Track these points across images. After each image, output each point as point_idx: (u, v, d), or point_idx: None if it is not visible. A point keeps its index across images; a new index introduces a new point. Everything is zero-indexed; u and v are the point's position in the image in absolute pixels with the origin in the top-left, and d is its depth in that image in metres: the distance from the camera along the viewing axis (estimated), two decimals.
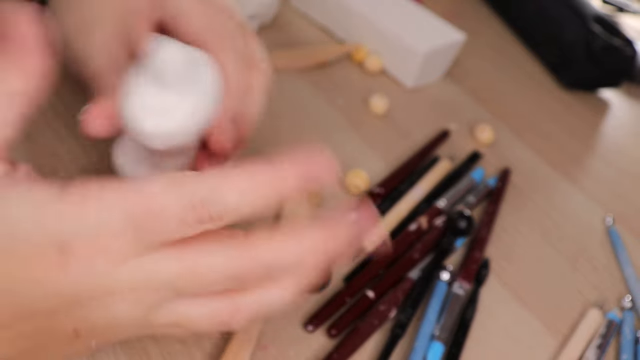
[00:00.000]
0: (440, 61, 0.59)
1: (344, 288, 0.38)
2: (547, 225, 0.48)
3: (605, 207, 0.51)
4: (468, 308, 0.39)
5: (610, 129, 0.62)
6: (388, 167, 0.49)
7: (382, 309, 0.37)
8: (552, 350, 0.39)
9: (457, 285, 0.40)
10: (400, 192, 0.46)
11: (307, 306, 0.37)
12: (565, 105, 0.62)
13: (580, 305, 0.42)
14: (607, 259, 0.46)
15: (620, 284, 0.45)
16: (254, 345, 0.34)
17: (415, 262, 0.41)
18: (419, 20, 0.59)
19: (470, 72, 0.63)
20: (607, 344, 0.39)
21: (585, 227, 0.49)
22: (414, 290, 0.39)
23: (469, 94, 0.60)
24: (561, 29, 0.64)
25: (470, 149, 0.52)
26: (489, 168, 0.51)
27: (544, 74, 0.66)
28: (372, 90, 0.56)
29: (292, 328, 0.36)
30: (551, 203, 0.50)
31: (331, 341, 0.36)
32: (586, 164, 0.57)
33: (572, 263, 0.45)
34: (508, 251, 0.45)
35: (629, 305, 0.43)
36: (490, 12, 0.74)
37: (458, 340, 0.37)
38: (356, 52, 0.59)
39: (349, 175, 0.45)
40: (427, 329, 0.37)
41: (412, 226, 0.43)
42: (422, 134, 0.53)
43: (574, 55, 0.62)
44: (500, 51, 0.68)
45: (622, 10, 0.77)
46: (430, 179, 0.47)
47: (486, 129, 0.54)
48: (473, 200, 0.47)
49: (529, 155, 0.54)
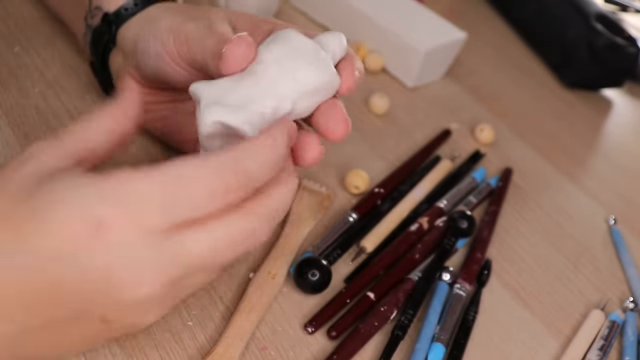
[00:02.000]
0: (441, 60, 0.59)
1: (345, 289, 0.38)
2: (549, 225, 0.48)
3: (608, 207, 0.51)
4: (469, 309, 0.39)
5: (612, 129, 0.62)
6: (388, 167, 0.48)
7: (382, 310, 0.37)
8: (554, 352, 0.39)
9: (459, 286, 0.40)
10: (401, 192, 0.45)
11: (307, 307, 0.37)
12: (568, 104, 0.62)
13: (583, 307, 0.42)
14: (609, 260, 0.46)
15: (623, 285, 0.44)
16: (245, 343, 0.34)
17: (416, 263, 0.40)
18: (420, 19, 0.58)
19: (472, 71, 0.62)
20: (609, 345, 0.39)
21: (587, 228, 0.48)
22: (415, 291, 0.39)
23: (470, 93, 0.59)
24: (563, 28, 0.64)
25: (471, 149, 0.52)
26: (491, 168, 0.51)
27: (546, 73, 0.66)
28: (373, 89, 0.56)
29: (292, 329, 0.36)
30: (553, 203, 0.50)
31: (331, 343, 0.36)
32: (588, 163, 0.56)
33: (574, 264, 0.45)
34: (509, 252, 0.45)
35: (631, 306, 0.42)
36: (492, 11, 0.74)
37: (459, 341, 0.37)
38: (356, 51, 0.58)
39: (349, 175, 0.45)
40: (428, 331, 0.37)
41: (413, 227, 0.42)
42: (422, 134, 0.53)
43: (576, 54, 0.62)
44: (502, 50, 0.68)
45: (625, 8, 0.77)
46: (431, 179, 0.47)
47: (487, 129, 0.53)
48: (474, 200, 0.46)
49: (531, 155, 0.54)
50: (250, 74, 0.31)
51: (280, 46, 0.31)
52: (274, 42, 0.32)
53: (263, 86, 0.30)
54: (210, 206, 0.26)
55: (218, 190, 0.25)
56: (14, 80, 0.47)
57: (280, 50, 0.31)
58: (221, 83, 0.31)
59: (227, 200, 0.26)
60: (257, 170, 0.27)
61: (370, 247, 0.41)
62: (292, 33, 0.32)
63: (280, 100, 0.30)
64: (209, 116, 0.30)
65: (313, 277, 0.37)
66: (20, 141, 0.42)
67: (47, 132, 0.43)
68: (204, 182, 0.25)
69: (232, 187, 0.26)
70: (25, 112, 0.44)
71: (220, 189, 0.25)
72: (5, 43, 0.50)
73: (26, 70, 0.48)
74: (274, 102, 0.30)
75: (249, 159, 0.26)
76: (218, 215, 0.26)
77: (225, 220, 0.26)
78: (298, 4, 0.64)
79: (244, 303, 0.36)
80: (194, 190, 0.25)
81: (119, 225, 0.24)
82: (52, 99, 0.46)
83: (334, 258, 0.40)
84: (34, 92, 0.46)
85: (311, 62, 0.31)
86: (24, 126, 0.43)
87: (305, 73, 0.31)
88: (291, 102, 0.31)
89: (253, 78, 0.31)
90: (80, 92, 0.47)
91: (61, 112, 0.45)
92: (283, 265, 0.38)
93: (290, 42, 0.31)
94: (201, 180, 0.25)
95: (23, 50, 0.49)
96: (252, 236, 0.27)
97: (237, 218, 0.26)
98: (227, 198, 0.26)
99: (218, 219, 0.26)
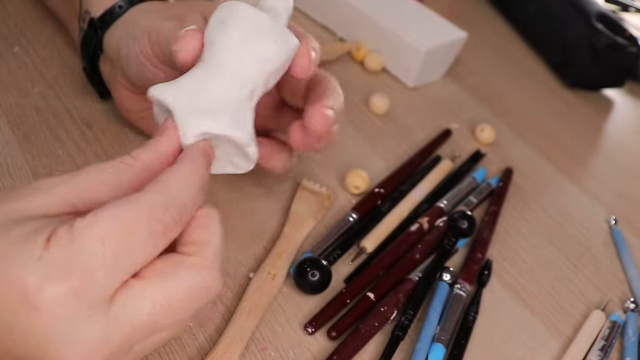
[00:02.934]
0: (442, 60, 0.58)
1: (345, 289, 0.38)
2: (550, 225, 0.48)
3: (609, 207, 0.51)
4: (470, 310, 0.39)
5: (613, 128, 0.62)
6: (389, 167, 0.48)
7: (382, 310, 0.37)
8: (555, 353, 0.39)
9: (459, 286, 0.39)
10: (401, 192, 0.45)
11: (307, 307, 0.37)
12: (568, 104, 0.62)
13: (583, 307, 0.42)
14: (610, 260, 0.46)
15: (624, 285, 0.44)
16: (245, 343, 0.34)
17: (416, 263, 0.40)
18: (420, 19, 0.58)
19: (472, 71, 0.62)
20: (610, 346, 0.39)
21: (588, 228, 0.48)
22: (415, 291, 0.39)
23: (470, 93, 0.59)
24: (564, 27, 0.64)
25: (472, 149, 0.52)
26: (491, 168, 0.51)
27: (546, 73, 0.65)
28: (373, 89, 0.56)
29: (292, 330, 0.36)
30: (554, 203, 0.50)
31: (331, 343, 0.36)
32: (589, 163, 0.56)
33: (574, 264, 0.45)
34: (510, 252, 0.44)
35: (632, 306, 0.42)
36: (492, 11, 0.74)
37: (460, 342, 0.37)
38: (357, 51, 0.58)
39: (349, 175, 0.45)
40: (428, 331, 0.37)
41: (413, 227, 0.42)
42: (423, 134, 0.52)
43: (577, 53, 0.62)
44: (502, 50, 0.68)
45: (626, 8, 0.77)
46: (432, 179, 0.47)
47: (488, 129, 0.53)
48: (475, 200, 0.46)
49: (532, 155, 0.54)
50: (215, 65, 0.29)
51: (237, 27, 0.30)
52: (228, 23, 0.30)
53: (232, 75, 0.29)
54: (154, 251, 0.24)
55: (158, 232, 0.24)
56: (14, 80, 0.47)
57: (238, 31, 0.30)
58: (186, 83, 0.29)
59: (167, 239, 0.25)
60: (188, 200, 0.25)
61: (370, 247, 0.41)
62: (242, 7, 0.30)
63: (253, 84, 0.30)
64: (192, 130, 0.28)
65: (313, 277, 0.37)
66: (20, 141, 0.42)
67: (47, 132, 0.43)
68: (143, 229, 0.24)
69: (169, 225, 0.24)
70: (25, 112, 0.44)
71: (160, 230, 0.24)
72: (5, 43, 0.49)
73: (26, 70, 0.47)
74: (248, 90, 0.29)
75: (179, 192, 0.25)
76: (162, 266, 0.24)
77: (168, 276, 0.24)
78: (298, 4, 0.64)
79: (244, 303, 0.35)
80: (136, 238, 0.23)
81: (55, 297, 0.22)
82: (51, 99, 0.46)
83: (334, 258, 0.40)
84: (33, 92, 0.46)
85: (272, 38, 0.30)
86: (23, 126, 0.43)
87: (269, 52, 0.30)
88: (263, 83, 0.30)
89: (219, 69, 0.29)
90: (80, 92, 0.47)
91: (61, 112, 0.45)
92: (283, 266, 0.38)
93: (245, 20, 0.30)
94: (140, 226, 0.24)
95: (23, 50, 0.49)
96: (204, 289, 0.25)
97: (182, 268, 0.25)
98: (167, 237, 0.25)
99: (162, 272, 0.24)
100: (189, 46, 0.30)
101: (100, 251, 0.23)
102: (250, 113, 0.30)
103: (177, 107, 0.28)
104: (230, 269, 0.38)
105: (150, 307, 0.24)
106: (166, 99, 0.28)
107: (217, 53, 0.29)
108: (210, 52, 0.30)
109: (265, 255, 0.39)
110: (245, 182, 0.44)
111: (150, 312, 0.24)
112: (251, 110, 0.30)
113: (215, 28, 0.30)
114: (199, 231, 0.26)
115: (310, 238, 0.41)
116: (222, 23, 0.30)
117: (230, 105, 0.29)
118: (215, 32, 0.30)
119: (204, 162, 0.27)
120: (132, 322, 0.23)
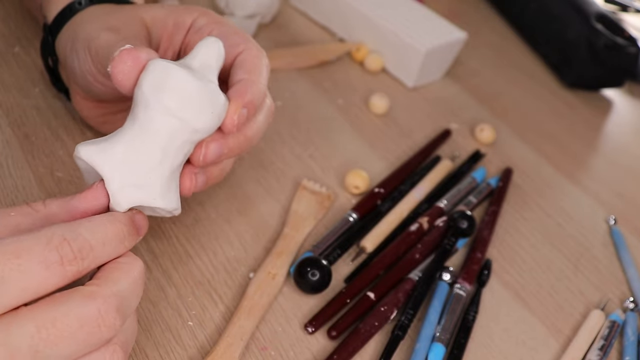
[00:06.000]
0: (442, 60, 0.59)
1: (345, 289, 0.38)
2: (549, 225, 0.48)
3: (608, 207, 0.51)
4: (469, 309, 0.39)
5: (613, 129, 0.62)
6: (389, 167, 0.48)
7: (382, 310, 0.37)
8: (554, 352, 0.39)
9: (459, 286, 0.40)
10: (401, 192, 0.45)
11: (307, 307, 0.37)
12: (568, 104, 0.62)
13: (583, 307, 0.42)
14: (609, 260, 0.46)
15: (623, 285, 0.44)
16: (245, 343, 0.34)
17: (416, 263, 0.40)
18: (420, 19, 0.58)
19: (472, 71, 0.62)
20: (609, 345, 0.39)
21: (587, 228, 0.48)
22: (415, 291, 0.39)
23: (470, 93, 0.59)
24: (563, 28, 0.64)
25: (471, 149, 0.52)
26: (491, 168, 0.51)
27: (546, 73, 0.66)
28: (373, 89, 0.56)
29: (292, 329, 0.36)
30: (553, 203, 0.50)
31: (331, 342, 0.36)
32: (589, 163, 0.56)
33: (574, 264, 0.45)
34: (510, 252, 0.44)
35: (631, 306, 0.42)
36: (492, 11, 0.74)
37: (459, 341, 0.37)
38: (357, 51, 0.58)
39: (349, 175, 0.45)
40: (428, 331, 0.37)
41: (413, 227, 0.42)
42: (423, 134, 0.53)
43: (576, 54, 0.62)
44: (502, 50, 0.68)
45: (625, 8, 0.77)
46: (432, 179, 0.47)
47: (487, 129, 0.53)
48: (474, 200, 0.46)
49: (531, 155, 0.54)
50: (149, 132, 0.29)
51: (173, 97, 0.29)
52: (165, 88, 0.29)
53: (165, 147, 0.29)
54: (50, 280, 0.23)
55: (52, 261, 0.23)
56: (15, 80, 0.47)
57: (174, 102, 0.29)
58: (119, 150, 0.29)
59: (68, 273, 0.24)
60: (95, 243, 0.25)
61: (370, 247, 0.41)
62: (176, 73, 0.29)
63: (185, 154, 0.31)
64: (125, 201, 0.28)
65: (313, 277, 0.37)
66: (21, 141, 0.42)
67: (48, 132, 0.43)
68: (35, 254, 0.23)
69: (67, 257, 0.24)
70: (25, 112, 0.44)
71: (55, 260, 0.23)
72: (5, 43, 0.50)
73: (26, 70, 0.48)
74: (179, 160, 0.30)
75: (84, 230, 0.25)
76: (57, 294, 0.24)
77: (59, 301, 0.23)
78: (298, 4, 0.64)
79: (244, 303, 0.36)
80: (25, 262, 0.23)
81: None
82: (52, 98, 0.46)
83: (334, 258, 0.40)
84: (34, 92, 0.46)
85: (208, 109, 0.30)
86: (24, 126, 0.43)
87: (204, 124, 0.30)
88: (191, 148, 0.31)
89: (153, 137, 0.29)
90: None
91: (62, 112, 0.45)
92: (283, 265, 0.38)
93: (180, 90, 0.29)
94: (31, 251, 0.23)
95: (23, 50, 0.49)
96: (97, 318, 0.24)
97: (76, 294, 0.24)
98: (67, 270, 0.24)
99: (54, 298, 0.23)
100: (124, 67, 0.30)
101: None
102: (178, 176, 0.31)
103: (111, 179, 0.28)
104: (230, 268, 0.38)
105: (34, 331, 0.22)
106: (101, 167, 0.28)
107: (151, 120, 0.29)
108: (145, 115, 0.29)
109: (265, 255, 0.39)
110: (246, 182, 0.44)
111: (33, 336, 0.22)
112: (179, 173, 0.31)
113: (150, 89, 0.29)
114: (110, 271, 0.26)
115: (310, 238, 0.41)
116: (157, 87, 0.29)
117: (162, 176, 0.30)
118: (150, 94, 0.29)
119: (127, 221, 0.27)
120: (10, 345, 0.22)
